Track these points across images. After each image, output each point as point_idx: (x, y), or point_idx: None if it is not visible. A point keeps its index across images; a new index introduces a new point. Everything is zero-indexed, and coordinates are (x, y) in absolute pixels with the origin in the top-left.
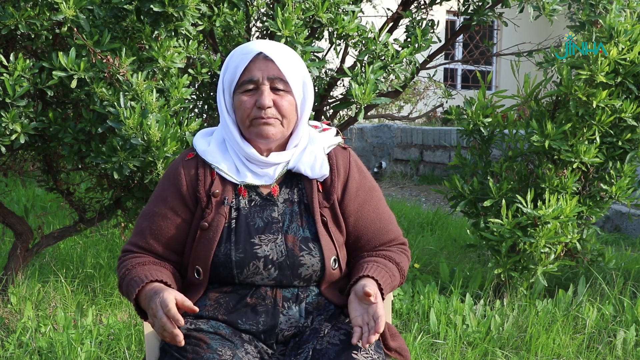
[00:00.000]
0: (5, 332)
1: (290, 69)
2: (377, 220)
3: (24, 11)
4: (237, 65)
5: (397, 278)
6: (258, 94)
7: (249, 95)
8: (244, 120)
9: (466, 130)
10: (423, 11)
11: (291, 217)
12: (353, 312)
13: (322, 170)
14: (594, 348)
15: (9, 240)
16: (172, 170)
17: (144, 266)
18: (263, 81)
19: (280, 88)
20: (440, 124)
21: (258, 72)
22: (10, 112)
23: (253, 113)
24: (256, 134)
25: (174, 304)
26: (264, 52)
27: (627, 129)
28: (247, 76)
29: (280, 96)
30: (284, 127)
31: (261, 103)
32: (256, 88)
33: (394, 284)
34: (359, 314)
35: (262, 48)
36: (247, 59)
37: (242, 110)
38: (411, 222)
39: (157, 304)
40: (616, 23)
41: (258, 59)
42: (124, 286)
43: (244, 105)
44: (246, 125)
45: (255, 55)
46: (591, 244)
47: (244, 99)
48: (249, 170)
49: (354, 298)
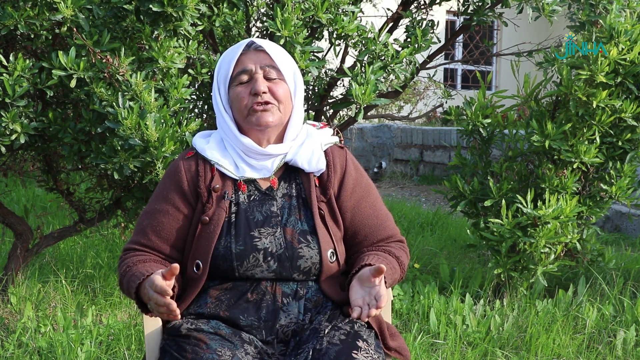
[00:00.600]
0: (5, 332)
1: (282, 58)
2: (374, 216)
3: (24, 11)
4: (229, 59)
5: (398, 271)
6: (252, 82)
7: (244, 86)
8: (241, 110)
9: (466, 130)
10: (423, 11)
11: (290, 210)
12: (354, 295)
13: (319, 164)
14: (594, 348)
15: (9, 240)
16: (172, 169)
17: (145, 263)
18: (256, 70)
19: (274, 76)
20: (440, 124)
21: (250, 62)
22: (10, 112)
23: (249, 101)
24: (255, 122)
25: (159, 279)
26: (255, 42)
27: (627, 129)
28: (240, 67)
29: (275, 83)
30: (281, 113)
31: (256, 89)
32: (250, 78)
33: (394, 276)
34: (360, 296)
35: (253, 40)
36: (238, 51)
37: (239, 101)
38: (411, 222)
39: (147, 286)
40: (616, 23)
41: (249, 51)
42: (124, 283)
43: (240, 95)
44: (244, 115)
45: (246, 46)
46: (591, 244)
47: (239, 90)
48: (247, 164)
49: (356, 283)
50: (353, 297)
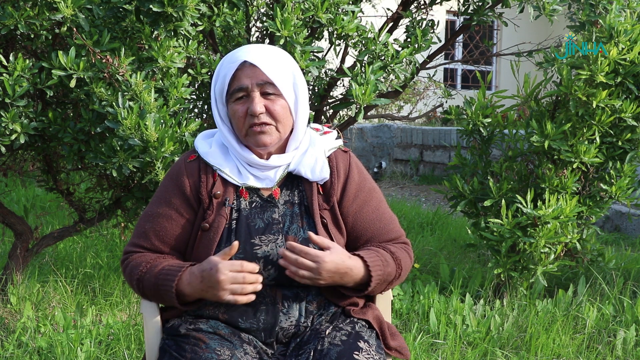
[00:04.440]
0: (5, 332)
1: (278, 72)
2: (377, 220)
3: (24, 11)
4: (225, 74)
5: (392, 265)
6: (249, 101)
7: (241, 104)
8: (240, 129)
9: (466, 130)
10: (423, 11)
11: (292, 218)
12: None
13: (323, 173)
14: (594, 348)
15: (9, 240)
16: (174, 172)
17: (164, 259)
18: (252, 88)
19: (271, 92)
20: (440, 124)
21: (246, 79)
22: (10, 112)
23: (247, 121)
24: (253, 143)
25: (238, 261)
26: (249, 60)
27: (627, 129)
28: (236, 85)
29: (272, 101)
30: (279, 132)
31: (253, 110)
32: (247, 95)
33: (387, 269)
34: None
35: (247, 56)
36: (233, 67)
37: (237, 120)
38: (411, 222)
39: (225, 272)
40: (616, 23)
41: (245, 67)
42: (151, 280)
43: (237, 114)
44: (242, 134)
45: (241, 63)
46: (591, 244)
47: (236, 108)
48: (250, 173)
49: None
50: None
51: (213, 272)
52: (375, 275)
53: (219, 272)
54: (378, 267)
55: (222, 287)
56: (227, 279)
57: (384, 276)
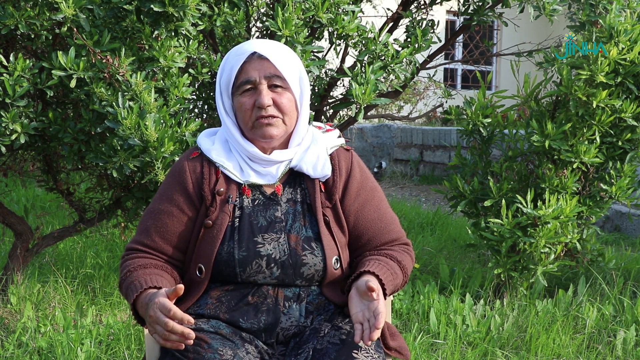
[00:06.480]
0: (5, 332)
1: (287, 65)
2: (378, 220)
3: (24, 11)
4: (232, 66)
5: (400, 276)
6: (257, 94)
7: (248, 96)
8: (246, 122)
9: (466, 130)
10: (423, 11)
11: (294, 216)
12: (354, 309)
13: (324, 170)
14: (594, 348)
15: (9, 240)
16: (177, 169)
17: (145, 269)
18: (260, 80)
19: (279, 85)
20: (440, 124)
21: (254, 71)
22: (10, 112)
23: (254, 114)
24: (260, 135)
25: (173, 305)
26: (258, 52)
27: (627, 129)
28: (243, 77)
29: (279, 94)
30: (286, 125)
31: (261, 102)
32: (254, 88)
33: (396, 282)
34: (359, 310)
35: (256, 47)
36: (241, 59)
37: (243, 112)
38: (411, 222)
39: (156, 310)
40: (616, 23)
41: (253, 59)
42: (123, 288)
43: (244, 107)
44: (249, 127)
45: (250, 55)
46: (591, 244)
47: (243, 101)
48: (252, 169)
49: (355, 294)
50: (353, 312)
51: (150, 304)
52: (388, 292)
53: (150, 308)
54: (390, 282)
55: (148, 321)
56: (154, 316)
57: (393, 289)
